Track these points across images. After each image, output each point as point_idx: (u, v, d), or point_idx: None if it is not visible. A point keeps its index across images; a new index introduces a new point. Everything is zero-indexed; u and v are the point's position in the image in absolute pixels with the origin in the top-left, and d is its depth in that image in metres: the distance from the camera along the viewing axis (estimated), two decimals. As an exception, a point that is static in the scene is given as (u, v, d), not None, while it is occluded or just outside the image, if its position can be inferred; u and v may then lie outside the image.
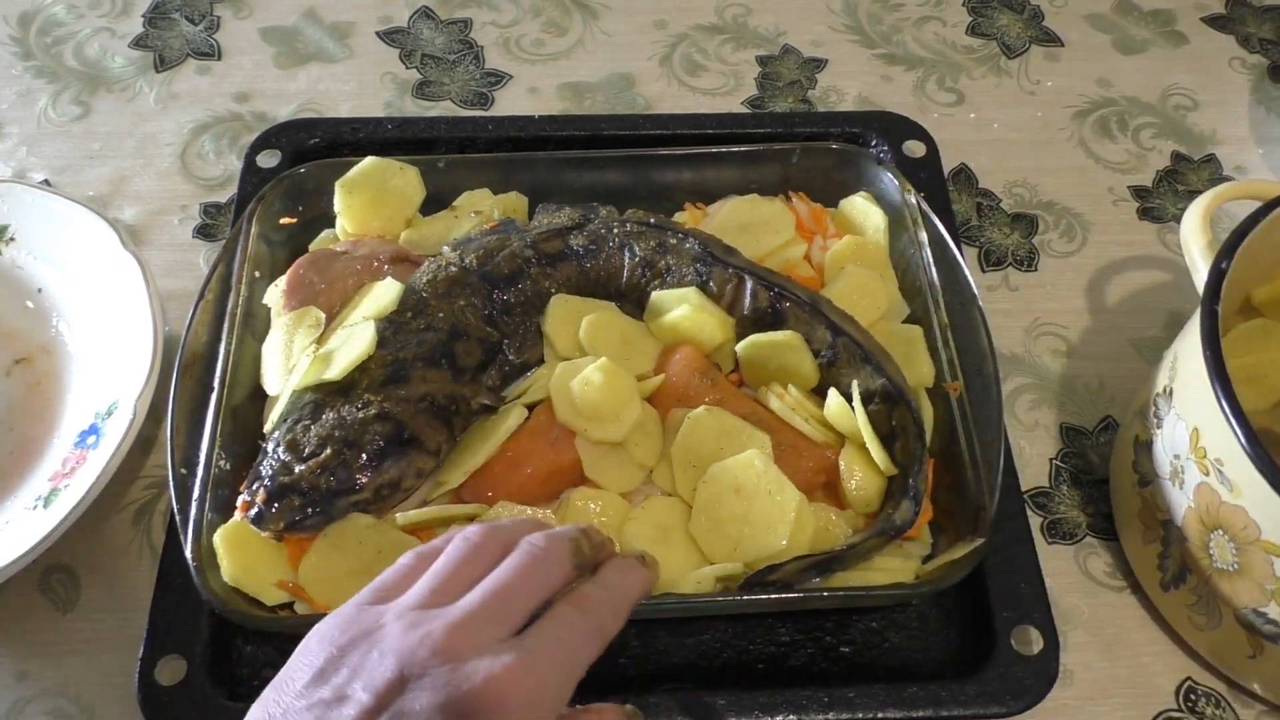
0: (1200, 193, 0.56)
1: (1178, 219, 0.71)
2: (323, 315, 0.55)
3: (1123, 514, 0.57)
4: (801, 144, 0.65)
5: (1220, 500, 0.47)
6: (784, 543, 0.49)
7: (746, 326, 0.55)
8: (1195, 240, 0.53)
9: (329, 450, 0.49)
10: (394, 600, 0.38)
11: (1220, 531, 0.48)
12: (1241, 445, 0.44)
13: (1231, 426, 0.45)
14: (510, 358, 0.54)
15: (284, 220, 0.61)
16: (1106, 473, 0.60)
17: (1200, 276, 0.52)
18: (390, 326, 0.53)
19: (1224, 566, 0.49)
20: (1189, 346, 0.50)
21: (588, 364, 0.52)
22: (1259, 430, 0.45)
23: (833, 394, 0.53)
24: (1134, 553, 0.56)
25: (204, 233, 0.69)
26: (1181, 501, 0.50)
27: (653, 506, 0.51)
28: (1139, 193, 0.73)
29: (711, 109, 0.76)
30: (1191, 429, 0.49)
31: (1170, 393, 0.51)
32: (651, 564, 0.43)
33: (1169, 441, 0.51)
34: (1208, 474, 0.48)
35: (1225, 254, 0.50)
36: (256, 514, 0.49)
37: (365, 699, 0.34)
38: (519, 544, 0.40)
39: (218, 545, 0.49)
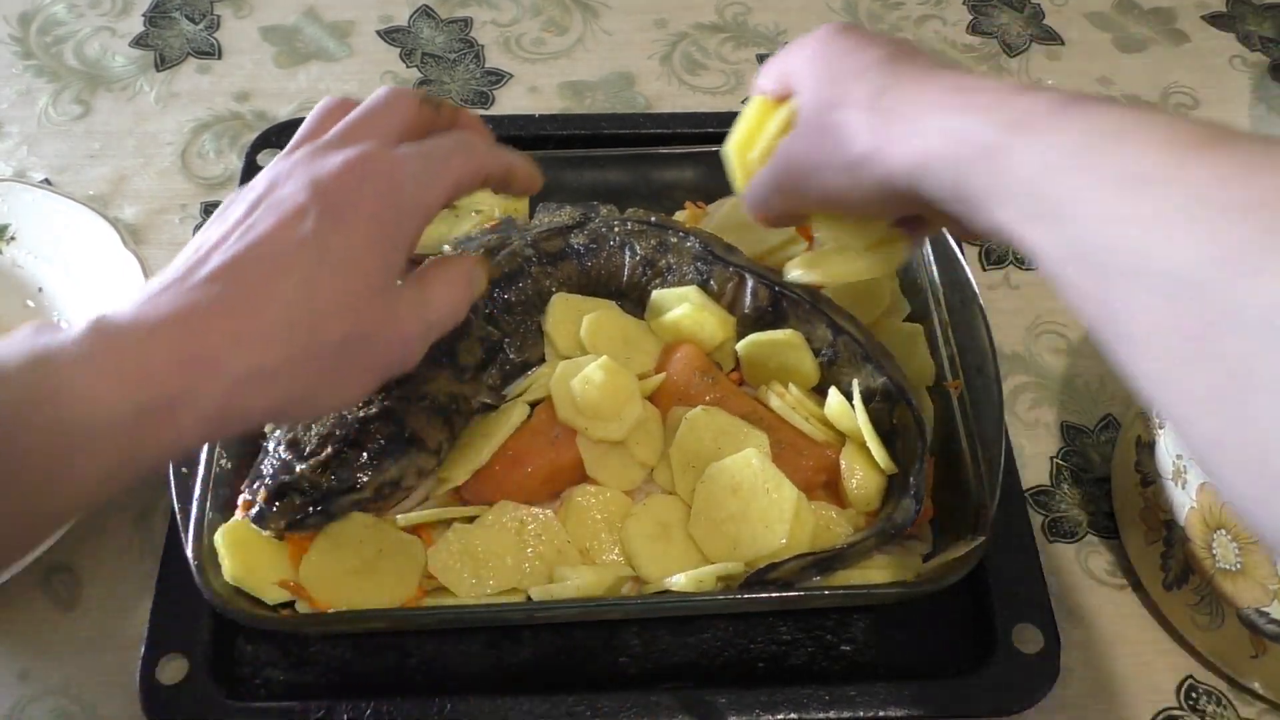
0: (1201, 191, 0.56)
1: (1178, 217, 0.71)
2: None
3: (1125, 514, 0.57)
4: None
5: (1223, 500, 0.47)
6: (783, 541, 0.49)
7: (747, 325, 0.55)
8: None
9: (330, 449, 0.49)
10: None
11: (1223, 531, 0.48)
12: None
13: None
14: (511, 356, 0.54)
15: (284, 219, 0.61)
16: (1107, 471, 0.60)
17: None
18: (391, 325, 0.53)
19: (1227, 566, 0.49)
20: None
21: (589, 362, 0.52)
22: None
23: (833, 393, 0.53)
24: (1136, 552, 0.56)
25: (204, 232, 0.69)
26: (1184, 501, 0.50)
27: (654, 504, 0.51)
28: (1140, 191, 0.73)
29: (712, 108, 0.76)
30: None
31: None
32: (537, 165, 0.49)
33: (1171, 442, 0.51)
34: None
35: None
36: (257, 513, 0.49)
37: (242, 208, 0.39)
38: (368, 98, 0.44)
39: (219, 544, 0.49)
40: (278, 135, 0.68)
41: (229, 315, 0.36)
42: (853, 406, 0.52)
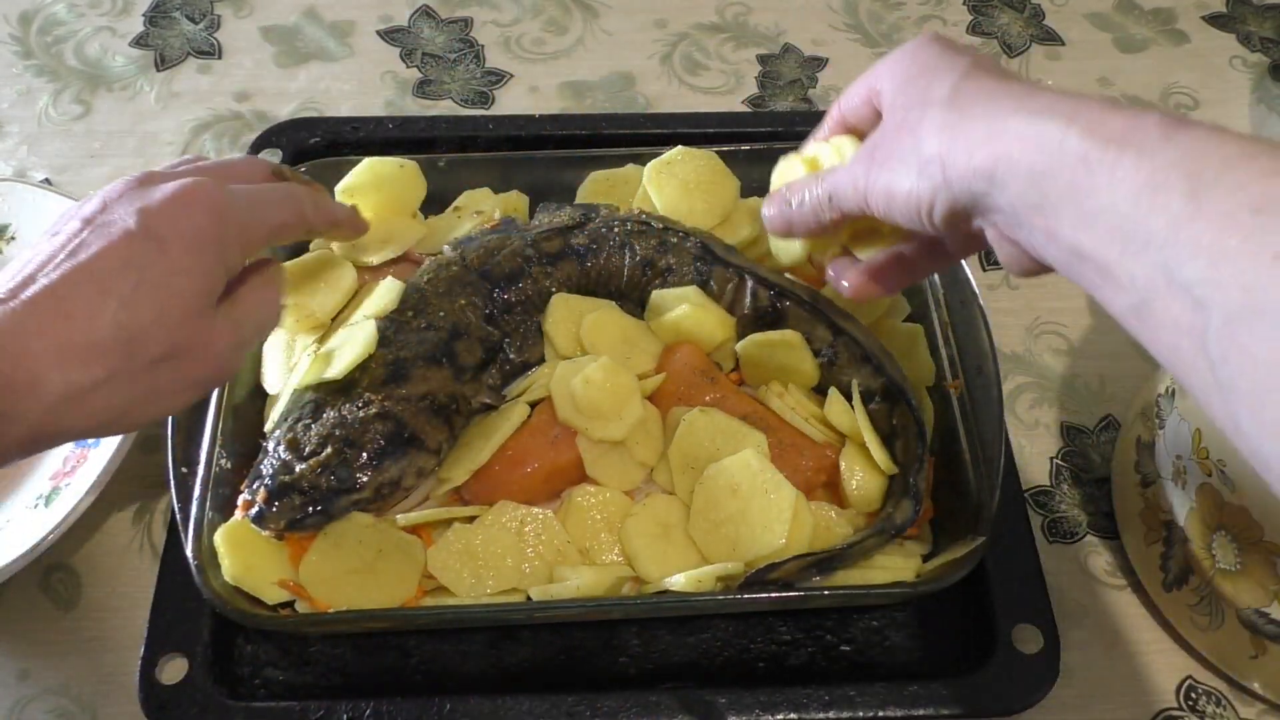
0: (1201, 191, 0.56)
1: (1178, 218, 0.71)
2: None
3: (1125, 514, 0.57)
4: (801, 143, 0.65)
5: (1223, 501, 0.47)
6: (782, 541, 0.49)
7: (747, 325, 0.55)
8: None
9: (330, 449, 0.49)
10: None
11: (1223, 532, 0.48)
12: None
13: None
14: (511, 356, 0.54)
15: (284, 219, 0.61)
16: (1107, 471, 0.60)
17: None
18: (391, 325, 0.53)
19: (1226, 567, 0.49)
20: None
21: (589, 363, 0.52)
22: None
23: (833, 393, 0.53)
24: (1136, 553, 0.56)
25: (205, 232, 0.69)
26: (1184, 502, 0.50)
27: (654, 504, 0.51)
28: (1140, 191, 0.73)
29: (712, 108, 0.76)
30: (1194, 430, 0.49)
31: (1173, 394, 0.51)
32: (363, 220, 0.54)
33: (1171, 442, 0.51)
34: (1210, 475, 0.48)
35: None
36: (257, 513, 0.49)
37: (75, 225, 0.41)
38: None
39: (219, 544, 0.49)
40: (278, 135, 0.68)
41: (50, 336, 0.37)
42: (852, 407, 0.52)
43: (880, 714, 0.49)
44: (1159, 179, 0.31)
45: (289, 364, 0.55)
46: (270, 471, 0.49)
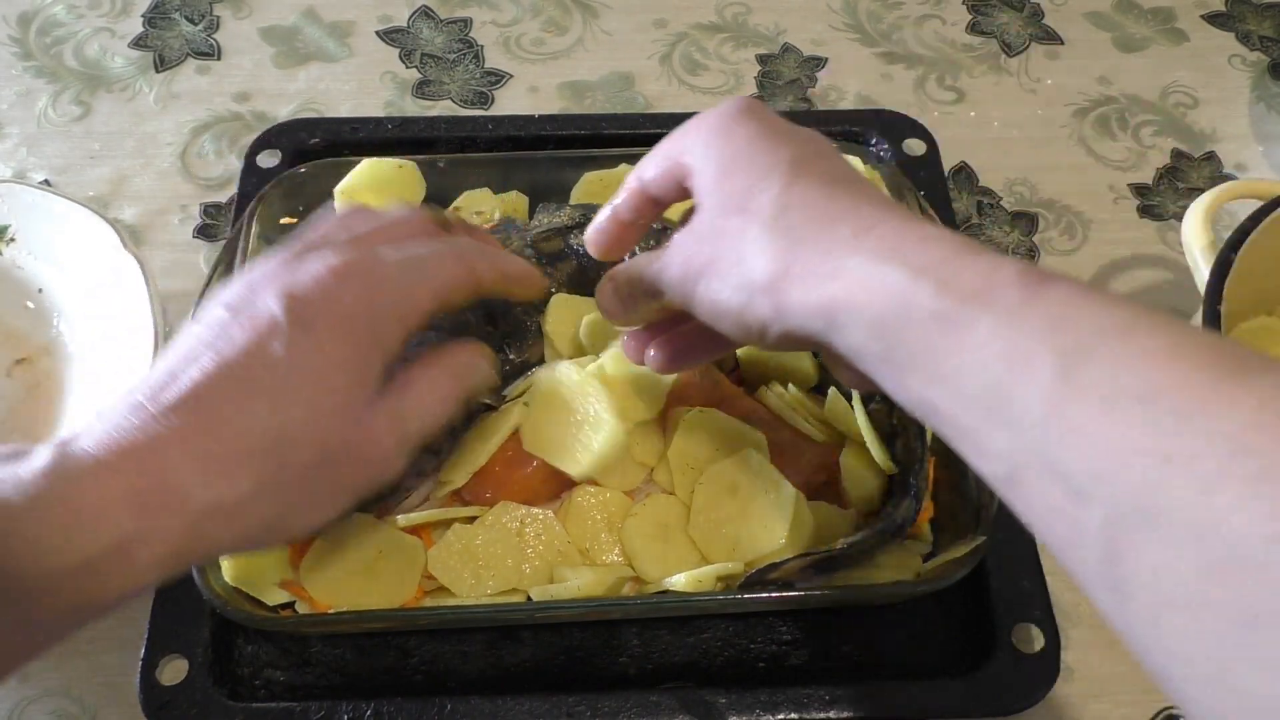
0: (1201, 190, 0.56)
1: (1178, 217, 0.71)
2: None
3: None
4: (801, 142, 0.65)
5: None
6: (782, 540, 0.49)
7: (747, 325, 0.55)
8: (1196, 240, 0.53)
9: (330, 450, 0.49)
10: None
11: None
12: None
13: None
14: (510, 357, 0.54)
15: (284, 220, 0.61)
16: (1107, 471, 0.60)
17: (1202, 276, 0.52)
18: (391, 326, 0.53)
19: (1225, 564, 0.49)
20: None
21: (588, 362, 0.52)
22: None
23: (833, 392, 0.53)
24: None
25: (204, 233, 0.69)
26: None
27: (654, 504, 0.51)
28: (1139, 190, 0.73)
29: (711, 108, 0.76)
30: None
31: (1171, 391, 0.51)
32: (541, 274, 0.48)
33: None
34: None
35: (1227, 253, 0.50)
36: (257, 514, 0.48)
37: (220, 313, 0.37)
38: (385, 214, 0.44)
39: (219, 545, 0.49)
40: (277, 136, 0.68)
41: (192, 446, 0.34)
42: (852, 406, 0.52)
43: (880, 714, 0.49)
44: (1024, 348, 0.29)
45: (289, 365, 0.55)
46: (270, 472, 0.49)
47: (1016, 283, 0.30)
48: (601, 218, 0.45)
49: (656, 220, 0.46)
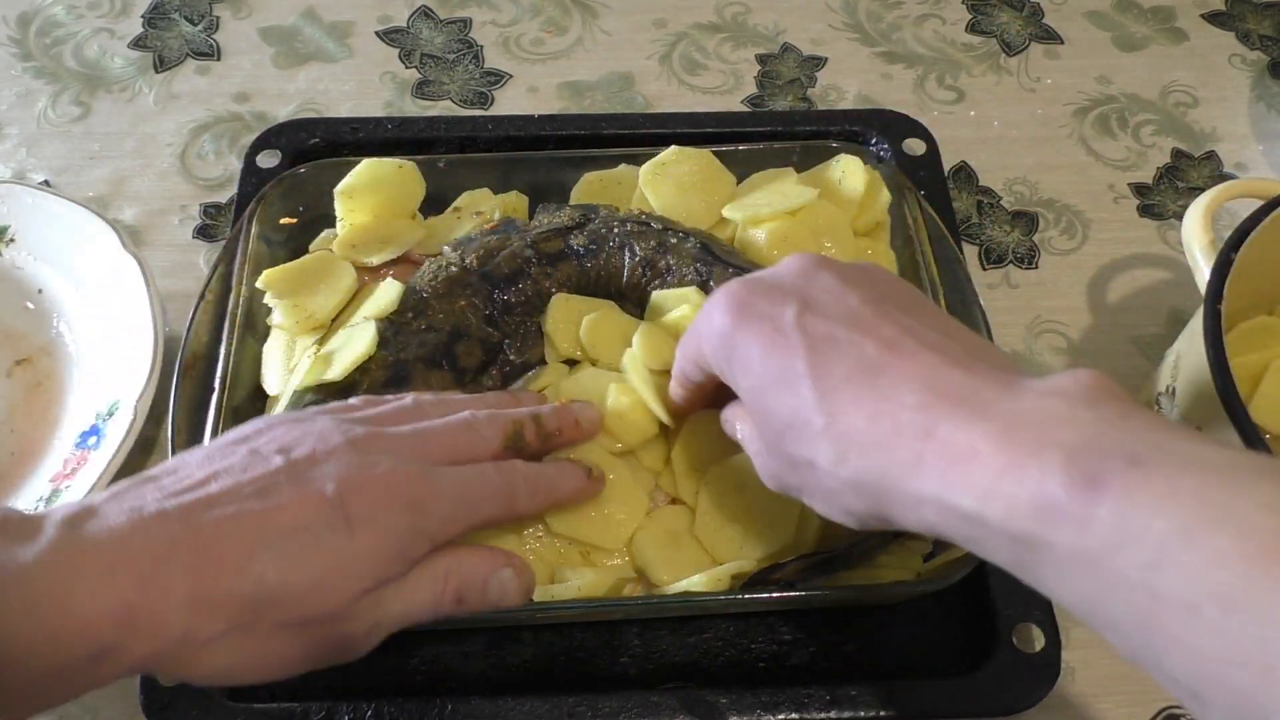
0: (1201, 190, 0.56)
1: (1178, 216, 0.71)
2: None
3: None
4: (801, 143, 0.65)
5: None
6: (791, 537, 0.49)
7: (747, 325, 0.55)
8: (1197, 240, 0.53)
9: (330, 450, 0.49)
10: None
11: None
12: (1245, 445, 0.44)
13: (1236, 426, 0.45)
14: (511, 358, 0.54)
15: (284, 220, 0.61)
16: (1108, 470, 0.60)
17: (1202, 276, 0.52)
18: (391, 327, 0.53)
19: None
20: (1192, 346, 0.50)
21: (598, 378, 0.52)
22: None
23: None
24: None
25: (204, 233, 0.69)
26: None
27: (661, 515, 0.51)
28: (1139, 190, 0.73)
29: (711, 108, 0.76)
30: (1195, 429, 0.49)
31: (1173, 392, 0.51)
32: (596, 479, 0.47)
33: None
34: None
35: (1228, 252, 0.50)
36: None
37: (277, 461, 0.38)
38: (460, 413, 0.44)
39: (219, 546, 0.49)
40: (276, 136, 0.68)
41: (193, 579, 0.35)
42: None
43: (881, 714, 0.49)
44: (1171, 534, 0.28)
45: (289, 365, 0.55)
46: (270, 473, 0.49)
47: (1130, 462, 0.29)
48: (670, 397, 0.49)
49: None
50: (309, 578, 0.36)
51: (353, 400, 0.46)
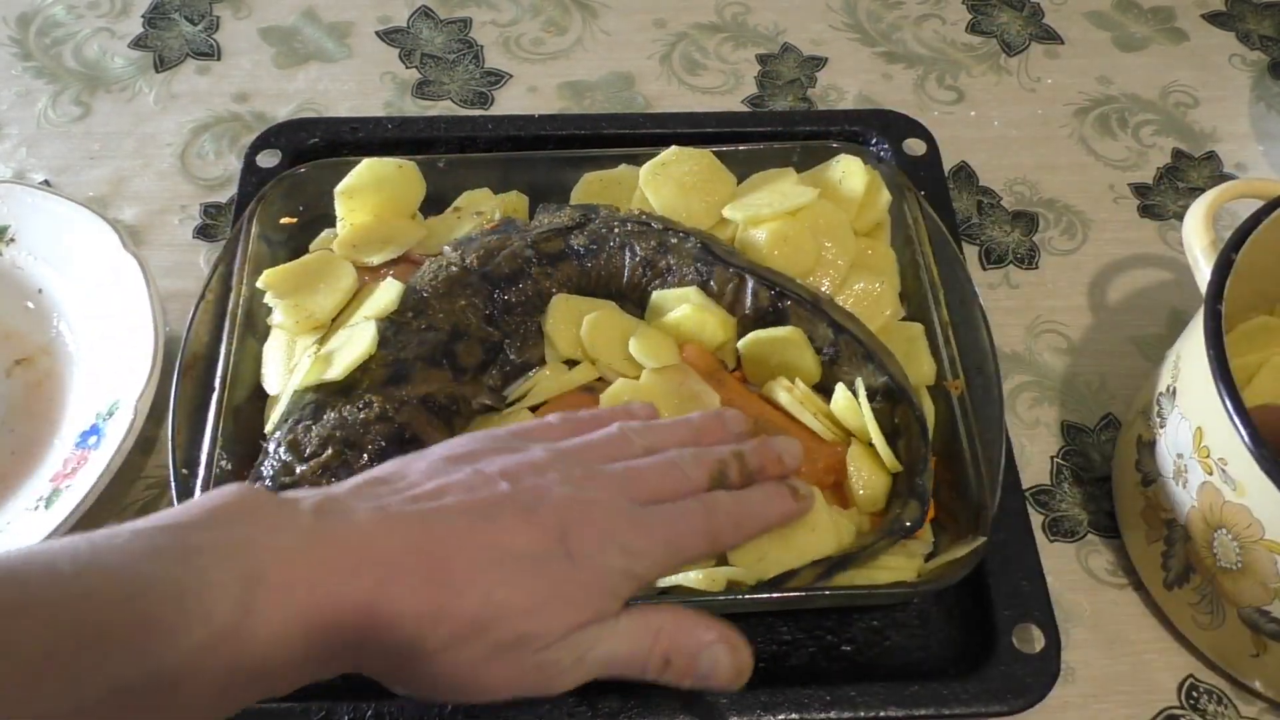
0: (1201, 190, 0.56)
1: (1178, 216, 0.71)
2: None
3: (1126, 513, 0.57)
4: (801, 143, 0.65)
5: (1224, 499, 0.47)
6: (818, 551, 0.48)
7: (748, 326, 0.55)
8: (1197, 240, 0.53)
9: (330, 450, 0.49)
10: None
11: (1224, 530, 0.48)
12: (1245, 445, 0.44)
13: (1235, 426, 0.45)
14: (511, 357, 0.54)
15: (284, 220, 0.61)
16: (1108, 470, 0.60)
17: (1202, 276, 0.52)
18: (391, 326, 0.53)
19: (1228, 565, 0.49)
20: (1192, 346, 0.50)
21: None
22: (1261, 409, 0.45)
23: (840, 389, 0.53)
24: (1137, 551, 0.56)
25: (204, 233, 0.69)
26: (1185, 501, 0.50)
27: None
28: (1140, 190, 0.73)
29: (711, 108, 0.76)
30: (1195, 429, 0.49)
31: (1174, 392, 0.51)
32: (803, 498, 0.47)
33: (1172, 441, 0.51)
34: (1211, 473, 0.48)
35: (1229, 252, 0.50)
36: (258, 515, 0.48)
37: (503, 486, 0.39)
38: (667, 451, 0.44)
39: (219, 546, 0.49)
40: (276, 136, 0.68)
41: (428, 585, 0.36)
42: (858, 403, 0.52)
43: (881, 714, 0.49)
44: None
45: (289, 365, 0.55)
46: (271, 473, 0.49)
47: None
48: None
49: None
50: (531, 601, 0.37)
51: (552, 419, 0.45)
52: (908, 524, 0.50)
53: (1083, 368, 0.65)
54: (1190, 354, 0.50)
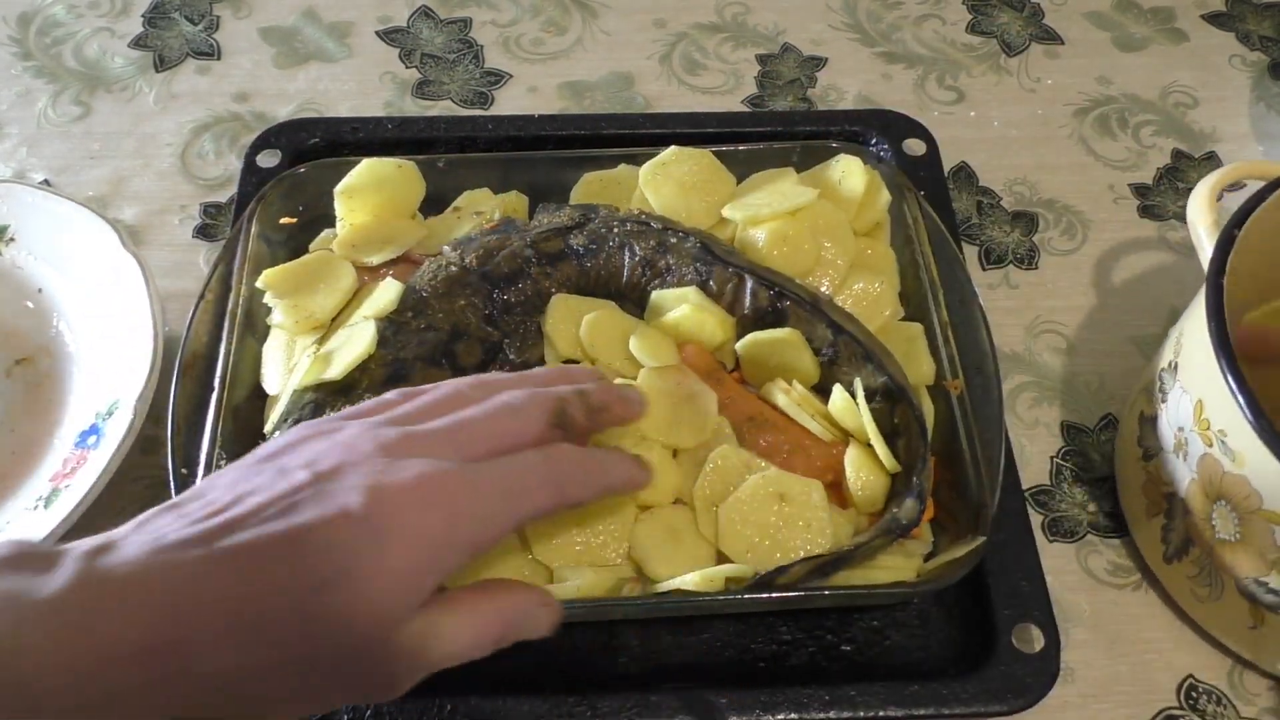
0: (1201, 190, 0.56)
1: (1178, 216, 0.71)
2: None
3: (1126, 488, 0.57)
4: (801, 143, 0.65)
5: (1223, 471, 0.48)
6: (823, 544, 0.49)
7: (747, 326, 0.55)
8: (1201, 219, 0.54)
9: (330, 450, 0.49)
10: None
11: (1223, 502, 0.48)
12: (1245, 415, 0.45)
13: (1235, 397, 0.45)
14: (511, 357, 0.54)
15: (284, 220, 0.61)
16: (1107, 470, 0.60)
17: (1206, 255, 0.52)
18: (391, 326, 0.53)
19: (1226, 537, 0.49)
20: (1194, 321, 0.50)
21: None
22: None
23: (838, 389, 0.53)
24: (1137, 526, 0.56)
25: (204, 233, 0.69)
26: (1185, 474, 0.51)
27: (660, 512, 0.51)
28: (1139, 190, 0.73)
29: (711, 108, 0.76)
30: (1196, 401, 0.49)
31: (1175, 367, 0.52)
32: (645, 467, 0.44)
33: (1173, 415, 0.51)
34: (1211, 445, 0.48)
35: (1231, 229, 0.50)
36: (257, 514, 0.48)
37: (302, 476, 0.36)
38: (499, 395, 0.41)
39: (219, 545, 0.49)
40: (276, 136, 0.68)
41: (221, 607, 0.33)
42: (856, 404, 0.52)
43: (881, 714, 0.49)
44: None
45: (288, 365, 0.55)
46: (270, 472, 0.49)
47: None
48: None
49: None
50: (342, 600, 0.34)
51: (389, 395, 0.42)
52: (904, 522, 0.50)
53: (1082, 368, 0.65)
54: (1192, 329, 0.50)
